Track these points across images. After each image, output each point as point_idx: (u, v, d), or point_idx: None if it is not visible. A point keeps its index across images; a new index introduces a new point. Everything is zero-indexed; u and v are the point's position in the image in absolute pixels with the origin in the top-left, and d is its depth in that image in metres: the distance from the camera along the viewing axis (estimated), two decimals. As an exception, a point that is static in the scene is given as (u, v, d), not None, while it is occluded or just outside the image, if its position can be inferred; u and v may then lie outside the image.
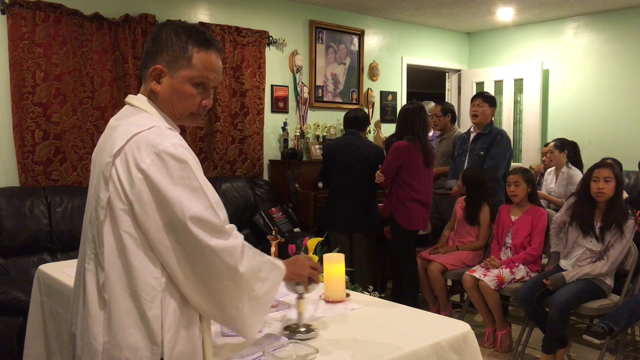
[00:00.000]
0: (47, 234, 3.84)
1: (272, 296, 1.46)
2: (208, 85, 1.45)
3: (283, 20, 5.50)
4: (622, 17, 5.97)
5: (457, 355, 1.71)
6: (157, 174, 1.28)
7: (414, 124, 4.03)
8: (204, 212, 1.30)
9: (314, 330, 1.73)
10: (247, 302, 1.38)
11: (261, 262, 1.42)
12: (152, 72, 1.42)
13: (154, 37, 1.44)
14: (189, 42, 1.41)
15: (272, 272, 1.46)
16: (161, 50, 1.41)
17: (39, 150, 4.09)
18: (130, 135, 1.32)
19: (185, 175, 1.30)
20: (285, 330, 1.72)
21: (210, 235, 1.30)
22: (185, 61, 1.41)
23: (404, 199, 4.05)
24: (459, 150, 4.60)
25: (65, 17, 4.14)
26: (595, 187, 3.39)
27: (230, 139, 5.11)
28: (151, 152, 1.29)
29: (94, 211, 1.36)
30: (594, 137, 6.13)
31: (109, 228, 1.32)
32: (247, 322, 1.41)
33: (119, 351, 1.29)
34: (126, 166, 1.30)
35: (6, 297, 3.12)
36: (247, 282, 1.37)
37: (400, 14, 6.23)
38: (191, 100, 1.44)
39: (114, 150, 1.32)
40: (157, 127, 1.35)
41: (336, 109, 5.94)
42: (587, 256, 3.44)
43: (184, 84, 1.42)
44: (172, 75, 1.41)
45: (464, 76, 7.24)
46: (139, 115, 1.41)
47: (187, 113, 1.46)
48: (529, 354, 3.66)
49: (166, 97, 1.43)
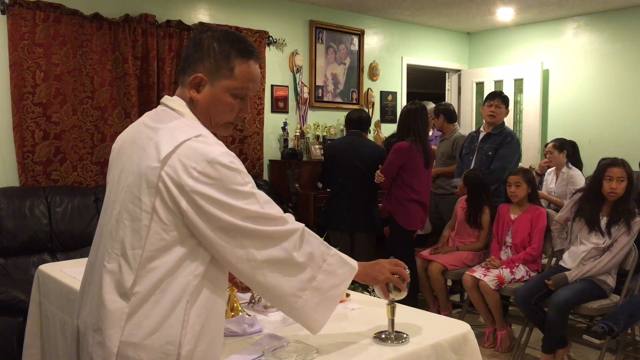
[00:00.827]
0: (47, 234, 3.84)
1: (339, 292, 1.47)
2: (247, 95, 1.45)
3: (283, 20, 5.50)
4: (622, 17, 5.97)
5: (457, 355, 1.71)
6: (210, 183, 1.29)
7: (416, 125, 4.03)
8: (259, 210, 1.34)
9: (404, 337, 1.67)
10: (310, 292, 1.40)
11: (327, 253, 1.44)
12: (193, 80, 1.40)
13: (195, 43, 1.43)
14: (231, 52, 1.40)
15: (341, 268, 1.48)
16: (202, 59, 1.40)
17: (39, 150, 4.09)
18: (178, 142, 1.31)
19: (237, 182, 1.32)
20: (375, 338, 1.68)
21: (267, 225, 1.35)
22: (228, 71, 1.40)
23: (403, 200, 4.05)
24: (467, 149, 4.54)
25: (65, 17, 4.14)
26: (608, 187, 3.38)
27: (230, 139, 5.11)
28: (202, 160, 1.29)
29: (125, 212, 1.34)
30: (593, 137, 6.13)
31: (153, 232, 1.31)
32: (310, 314, 1.42)
33: (134, 351, 1.29)
34: (176, 174, 1.29)
35: (6, 297, 3.12)
36: (308, 269, 1.39)
37: (400, 14, 6.23)
38: (230, 111, 1.44)
39: (161, 155, 1.30)
40: (203, 135, 1.35)
41: (336, 109, 5.94)
42: (592, 255, 3.43)
43: (224, 94, 1.41)
44: (212, 85, 1.40)
45: (464, 76, 7.24)
46: (180, 120, 1.39)
47: (223, 122, 1.46)
48: (529, 354, 3.66)
49: (204, 105, 1.42)
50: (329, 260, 1.45)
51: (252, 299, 2.07)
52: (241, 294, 2.06)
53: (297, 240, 1.39)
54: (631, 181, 3.39)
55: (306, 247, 1.40)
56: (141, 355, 1.29)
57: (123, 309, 1.30)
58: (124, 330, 1.29)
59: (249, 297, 2.08)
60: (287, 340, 1.62)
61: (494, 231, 4.05)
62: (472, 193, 4.19)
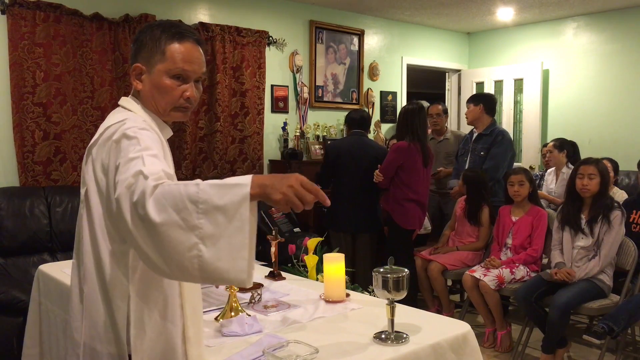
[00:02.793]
0: (47, 234, 3.84)
1: (242, 224, 1.10)
2: (188, 76, 1.43)
3: (283, 20, 5.50)
4: (622, 17, 5.97)
5: (457, 355, 1.71)
6: (113, 156, 1.29)
7: (414, 125, 4.03)
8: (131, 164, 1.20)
9: (404, 337, 1.68)
10: (203, 246, 1.09)
11: (192, 192, 1.10)
12: (133, 72, 1.45)
13: (134, 39, 1.48)
14: (162, 37, 1.42)
15: (226, 196, 1.10)
16: (140, 49, 1.45)
17: (39, 150, 4.09)
18: (103, 129, 1.37)
19: (132, 147, 1.25)
20: (375, 338, 1.69)
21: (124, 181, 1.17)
22: (160, 55, 1.41)
23: (401, 199, 4.06)
24: (462, 150, 4.60)
25: (65, 17, 4.14)
26: (580, 184, 3.49)
27: (230, 139, 5.12)
28: (112, 139, 1.32)
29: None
30: (593, 137, 6.13)
31: (85, 221, 1.37)
32: (222, 266, 1.10)
33: (100, 343, 1.34)
34: (98, 159, 1.35)
35: (6, 297, 3.12)
36: (175, 223, 1.09)
37: (400, 14, 6.23)
38: (171, 93, 1.43)
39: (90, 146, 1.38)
40: (128, 119, 1.37)
41: (336, 109, 5.94)
42: (582, 255, 3.45)
43: (161, 78, 1.42)
44: (150, 71, 1.43)
45: (464, 76, 7.24)
46: (121, 114, 1.43)
47: (170, 107, 1.45)
48: (529, 354, 3.66)
49: (148, 93, 1.44)
50: (202, 196, 1.10)
51: (252, 299, 2.07)
52: (241, 294, 2.06)
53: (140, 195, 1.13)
54: (605, 178, 3.46)
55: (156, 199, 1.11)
56: (105, 347, 1.33)
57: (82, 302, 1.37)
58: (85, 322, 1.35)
59: (249, 297, 2.08)
60: (287, 340, 1.62)
61: (494, 233, 4.05)
62: (472, 191, 4.20)
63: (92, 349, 1.33)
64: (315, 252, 2.45)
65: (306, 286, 2.29)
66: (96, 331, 1.34)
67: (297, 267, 2.61)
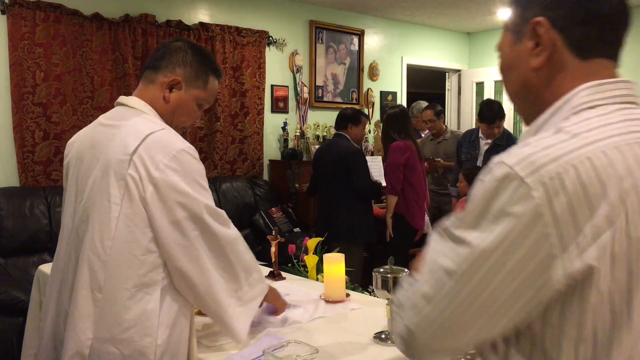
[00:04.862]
0: (47, 234, 3.84)
1: (255, 305, 1.57)
2: (205, 107, 1.61)
3: (283, 20, 5.50)
4: (622, 17, 5.96)
5: (457, 355, 1.71)
6: (176, 172, 1.35)
7: (404, 125, 4.09)
8: (214, 206, 1.43)
9: None
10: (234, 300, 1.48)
11: (253, 268, 1.54)
12: (171, 82, 1.49)
13: (175, 48, 1.53)
14: (209, 67, 1.55)
15: (260, 284, 1.57)
16: (182, 65, 1.50)
17: (39, 150, 4.09)
18: (144, 135, 1.37)
19: (200, 174, 1.41)
20: (375, 338, 1.68)
21: (219, 223, 1.43)
22: (202, 82, 1.53)
23: (410, 199, 4.06)
24: (467, 156, 4.38)
25: (65, 17, 4.14)
26: None
27: (230, 139, 5.12)
28: (168, 152, 1.35)
29: (93, 207, 1.38)
30: (594, 137, 6.13)
31: (121, 223, 1.34)
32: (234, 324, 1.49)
33: (113, 344, 1.32)
34: (143, 166, 1.34)
35: (6, 297, 3.12)
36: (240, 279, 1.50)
37: (400, 14, 6.23)
38: (191, 117, 1.57)
39: (129, 149, 1.35)
40: (167, 129, 1.42)
41: (336, 109, 5.90)
42: None
43: (192, 102, 1.53)
44: (185, 90, 1.51)
45: (464, 76, 7.24)
46: (141, 117, 1.44)
47: (180, 125, 1.55)
48: (529, 354, 3.66)
49: (172, 106, 1.51)
50: (255, 275, 1.54)
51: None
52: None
53: (239, 249, 1.49)
54: None
55: (244, 256, 1.51)
56: (120, 348, 1.32)
57: (96, 302, 1.34)
58: (99, 324, 1.34)
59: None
60: (287, 340, 1.62)
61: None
62: None
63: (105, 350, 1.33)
64: (315, 252, 2.45)
65: (306, 286, 2.29)
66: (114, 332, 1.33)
67: (297, 267, 2.61)
